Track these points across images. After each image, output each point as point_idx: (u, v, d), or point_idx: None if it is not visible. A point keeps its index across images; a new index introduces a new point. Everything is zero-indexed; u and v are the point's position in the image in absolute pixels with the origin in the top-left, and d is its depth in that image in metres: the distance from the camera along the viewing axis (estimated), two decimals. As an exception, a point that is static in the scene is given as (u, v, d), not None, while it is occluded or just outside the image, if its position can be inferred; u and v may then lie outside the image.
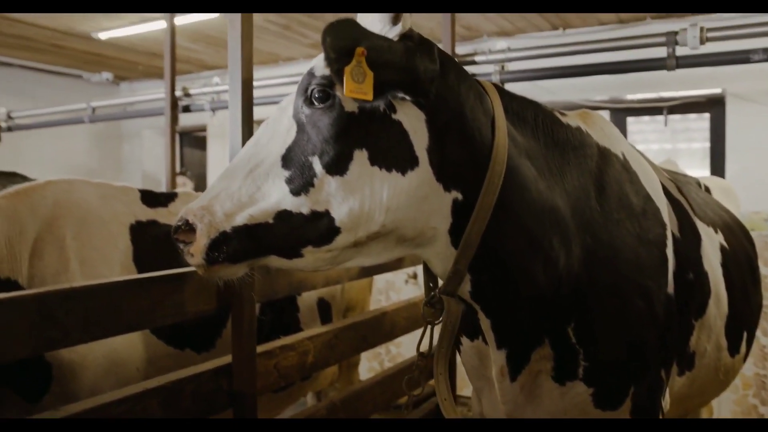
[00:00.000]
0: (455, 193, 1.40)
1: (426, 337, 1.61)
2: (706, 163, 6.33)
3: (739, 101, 5.84)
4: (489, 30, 6.75)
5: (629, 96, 6.48)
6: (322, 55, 1.33)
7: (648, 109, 6.63)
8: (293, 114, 1.41)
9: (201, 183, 9.28)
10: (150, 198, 2.60)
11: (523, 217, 1.45)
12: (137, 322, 1.79)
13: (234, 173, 1.39)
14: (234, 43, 2.00)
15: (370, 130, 1.34)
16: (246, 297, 2.03)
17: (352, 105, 1.34)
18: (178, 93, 5.80)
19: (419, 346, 1.61)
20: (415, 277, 5.11)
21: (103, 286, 1.66)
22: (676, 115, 6.58)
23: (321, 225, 1.33)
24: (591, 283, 1.54)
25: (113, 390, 1.92)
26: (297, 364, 2.32)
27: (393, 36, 1.36)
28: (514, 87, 1.68)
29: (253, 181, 1.36)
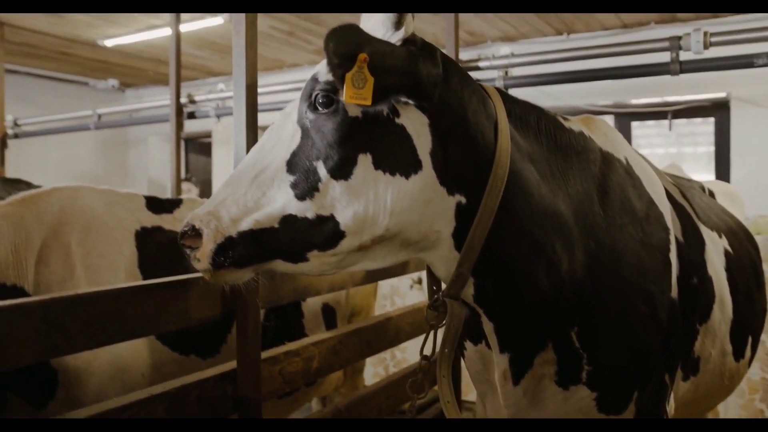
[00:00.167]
0: (459, 196, 1.40)
1: (429, 340, 1.61)
2: (711, 167, 6.31)
3: (744, 105, 5.83)
4: (492, 35, 6.75)
5: (633, 101, 6.47)
6: (326, 61, 1.34)
7: (652, 114, 6.62)
8: (297, 119, 1.41)
9: (206, 189, 9.30)
10: (155, 204, 2.61)
11: (525, 220, 1.45)
12: (142, 329, 1.80)
13: (239, 179, 1.40)
14: (239, 50, 2.02)
15: (373, 135, 1.35)
16: (251, 303, 2.03)
17: (355, 110, 1.35)
18: (183, 100, 5.81)
19: (423, 349, 1.61)
20: (420, 282, 5.11)
21: (108, 293, 1.67)
22: (681, 120, 6.57)
23: (326, 229, 1.34)
24: (594, 288, 1.54)
25: (118, 396, 1.92)
26: (302, 369, 2.32)
27: (396, 41, 1.36)
28: (517, 92, 1.68)
29: (258, 186, 1.37)
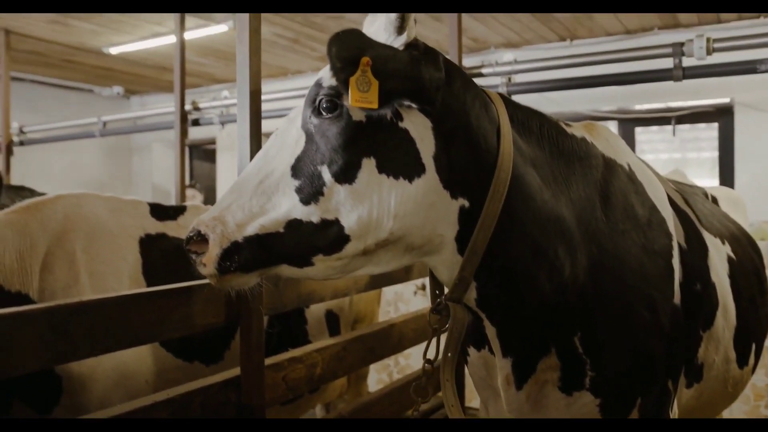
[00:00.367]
0: (462, 200, 1.41)
1: (433, 344, 1.61)
2: (715, 173, 6.31)
3: (748, 110, 5.83)
4: (496, 42, 6.77)
5: (637, 106, 6.48)
6: (329, 66, 1.35)
7: (656, 119, 6.62)
8: (302, 125, 1.42)
9: (210, 195, 9.32)
10: (159, 211, 2.62)
11: (528, 225, 1.45)
12: (146, 335, 1.80)
13: (244, 184, 1.41)
14: (242, 58, 2.03)
15: (377, 139, 1.36)
16: (254, 310, 2.04)
17: (359, 114, 1.36)
18: (188, 107, 5.84)
19: (426, 353, 1.62)
20: (423, 288, 5.10)
21: (112, 300, 1.68)
22: (685, 125, 6.57)
23: (331, 233, 1.35)
24: (597, 293, 1.54)
25: (122, 402, 1.93)
26: (305, 376, 2.32)
27: (398, 45, 1.37)
28: (521, 98, 1.69)
29: (263, 191, 1.38)
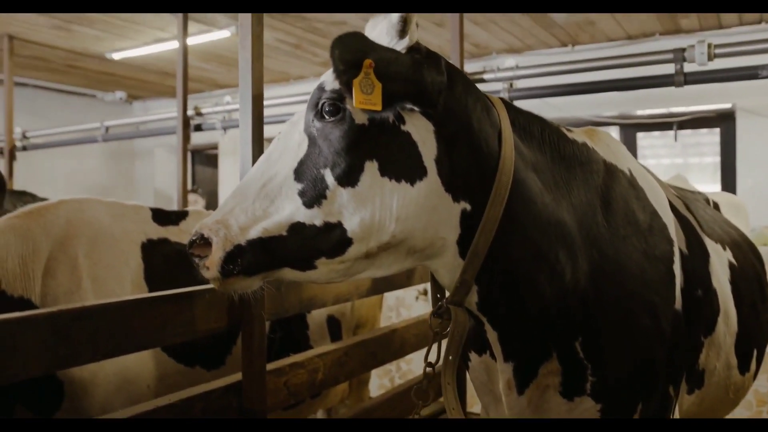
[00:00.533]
0: (464, 203, 1.41)
1: (434, 348, 1.61)
2: (717, 178, 6.30)
3: (750, 116, 5.83)
4: (497, 47, 6.78)
5: (639, 111, 6.48)
6: (332, 69, 1.36)
7: (658, 125, 6.62)
8: (304, 128, 1.43)
9: (212, 200, 9.34)
10: (161, 216, 2.63)
11: (529, 228, 1.46)
12: (148, 341, 1.81)
13: (247, 188, 1.41)
14: (245, 64, 2.03)
15: (380, 142, 1.36)
16: (256, 315, 2.04)
17: (362, 117, 1.36)
18: (190, 112, 5.85)
19: (427, 356, 1.61)
20: (425, 293, 5.10)
21: (114, 305, 1.68)
22: (687, 130, 6.57)
23: (333, 236, 1.35)
24: (598, 298, 1.54)
25: (124, 407, 1.93)
26: (307, 381, 2.32)
27: (400, 49, 1.38)
28: (522, 104, 1.69)
29: (266, 195, 1.39)
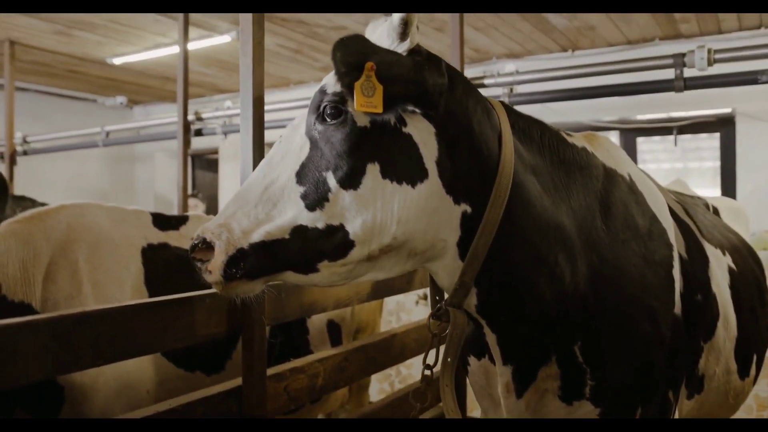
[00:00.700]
0: (464, 205, 1.42)
1: (433, 350, 1.61)
2: (717, 182, 6.30)
3: (750, 120, 5.83)
4: (498, 52, 6.79)
5: (639, 116, 6.49)
6: (333, 73, 1.36)
7: (658, 129, 6.63)
8: (306, 131, 1.43)
9: (212, 205, 9.34)
10: (161, 221, 2.63)
11: (528, 231, 1.46)
12: (149, 346, 1.81)
13: (249, 192, 1.41)
14: (245, 70, 2.04)
15: (381, 144, 1.37)
16: (257, 319, 2.04)
17: (363, 120, 1.37)
18: (191, 117, 5.86)
19: (425, 359, 1.61)
20: (425, 298, 5.10)
21: (115, 310, 1.68)
22: (686, 135, 6.57)
23: (336, 239, 1.35)
24: (597, 302, 1.54)
25: (124, 412, 1.93)
26: (307, 386, 2.32)
27: (401, 52, 1.39)
28: (523, 109, 1.70)
29: (268, 198, 1.39)
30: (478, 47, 6.58)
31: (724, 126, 6.21)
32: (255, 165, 1.93)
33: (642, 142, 6.84)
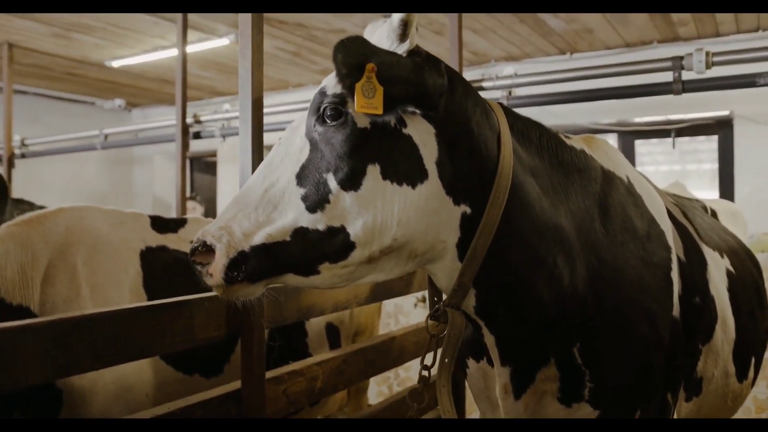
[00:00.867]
0: (464, 206, 1.42)
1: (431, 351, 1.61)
2: (715, 185, 6.31)
3: (748, 123, 5.85)
4: (496, 55, 6.80)
5: (637, 119, 6.50)
6: (333, 75, 1.37)
7: (656, 132, 6.63)
8: (306, 133, 1.43)
9: (210, 207, 9.34)
10: (160, 224, 2.63)
11: (527, 232, 1.46)
12: (148, 349, 1.80)
13: (249, 194, 1.41)
14: (245, 73, 2.04)
15: (382, 145, 1.37)
16: (255, 322, 2.03)
17: (364, 121, 1.37)
18: (189, 120, 5.85)
19: (423, 359, 1.61)
20: (424, 300, 5.10)
21: (114, 313, 1.68)
22: (685, 138, 6.58)
23: (337, 241, 1.36)
24: (596, 304, 1.55)
25: (123, 415, 1.93)
26: (306, 389, 2.32)
27: (401, 53, 1.39)
28: (522, 112, 1.70)
29: (268, 200, 1.39)
30: (476, 50, 6.58)
31: (722, 128, 6.22)
32: (254, 167, 1.93)
33: (640, 145, 6.85)
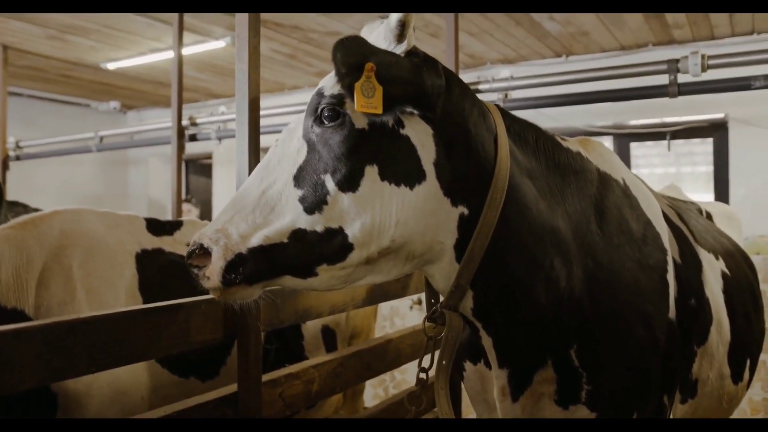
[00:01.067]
0: (462, 208, 1.42)
1: (428, 353, 1.61)
2: (710, 187, 6.33)
3: (742, 126, 5.87)
4: (492, 58, 6.81)
5: (632, 121, 6.51)
6: (331, 75, 1.37)
7: (651, 134, 6.65)
8: (303, 134, 1.43)
9: (206, 210, 9.33)
10: (155, 226, 2.62)
11: (524, 234, 1.46)
12: (143, 352, 1.80)
13: (246, 196, 1.41)
14: (242, 75, 2.04)
15: (380, 146, 1.37)
16: (252, 325, 2.03)
17: (362, 122, 1.37)
18: (185, 122, 5.84)
19: (421, 362, 1.61)
20: (420, 303, 5.10)
21: (109, 317, 1.67)
22: (680, 140, 6.60)
23: (335, 242, 1.35)
24: (592, 307, 1.55)
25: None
26: (302, 392, 2.31)
27: (399, 53, 1.39)
28: (517, 114, 1.70)
29: (266, 202, 1.38)
30: (472, 53, 6.59)
31: (717, 131, 6.24)
32: (251, 169, 1.93)
33: (635, 147, 6.87)
